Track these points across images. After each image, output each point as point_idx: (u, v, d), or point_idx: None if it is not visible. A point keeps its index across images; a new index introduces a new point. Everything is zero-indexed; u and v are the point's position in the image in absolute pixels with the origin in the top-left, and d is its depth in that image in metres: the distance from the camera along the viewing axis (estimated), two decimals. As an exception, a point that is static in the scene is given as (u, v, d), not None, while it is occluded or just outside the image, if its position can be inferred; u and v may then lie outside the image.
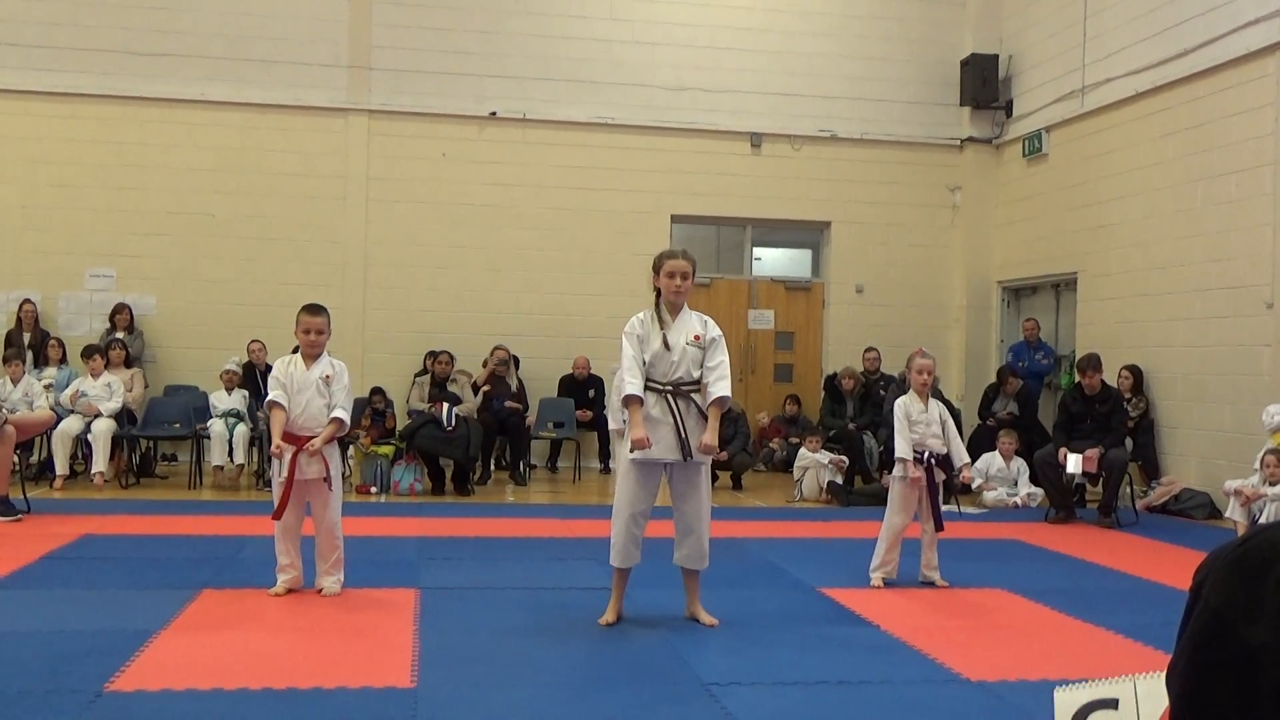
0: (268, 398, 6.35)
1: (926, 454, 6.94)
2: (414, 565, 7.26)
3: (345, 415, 6.33)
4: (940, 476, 7.01)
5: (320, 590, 6.34)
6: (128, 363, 12.01)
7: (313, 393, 6.27)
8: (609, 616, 5.77)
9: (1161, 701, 1.79)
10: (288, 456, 6.21)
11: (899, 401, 7.14)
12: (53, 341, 12.21)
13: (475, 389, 12.06)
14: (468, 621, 5.78)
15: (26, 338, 12.37)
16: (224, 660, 4.93)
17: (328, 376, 6.32)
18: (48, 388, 11.08)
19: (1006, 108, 14.37)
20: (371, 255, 13.68)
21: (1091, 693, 1.90)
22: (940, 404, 7.16)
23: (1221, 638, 1.38)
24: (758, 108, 14.32)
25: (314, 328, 6.37)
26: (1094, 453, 9.73)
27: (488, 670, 4.89)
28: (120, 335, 12.46)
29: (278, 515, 6.26)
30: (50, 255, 13.10)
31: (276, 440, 6.26)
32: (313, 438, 6.22)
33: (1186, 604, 1.49)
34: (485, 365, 12.30)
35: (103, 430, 10.89)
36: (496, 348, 12.75)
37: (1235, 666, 1.36)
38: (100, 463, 10.87)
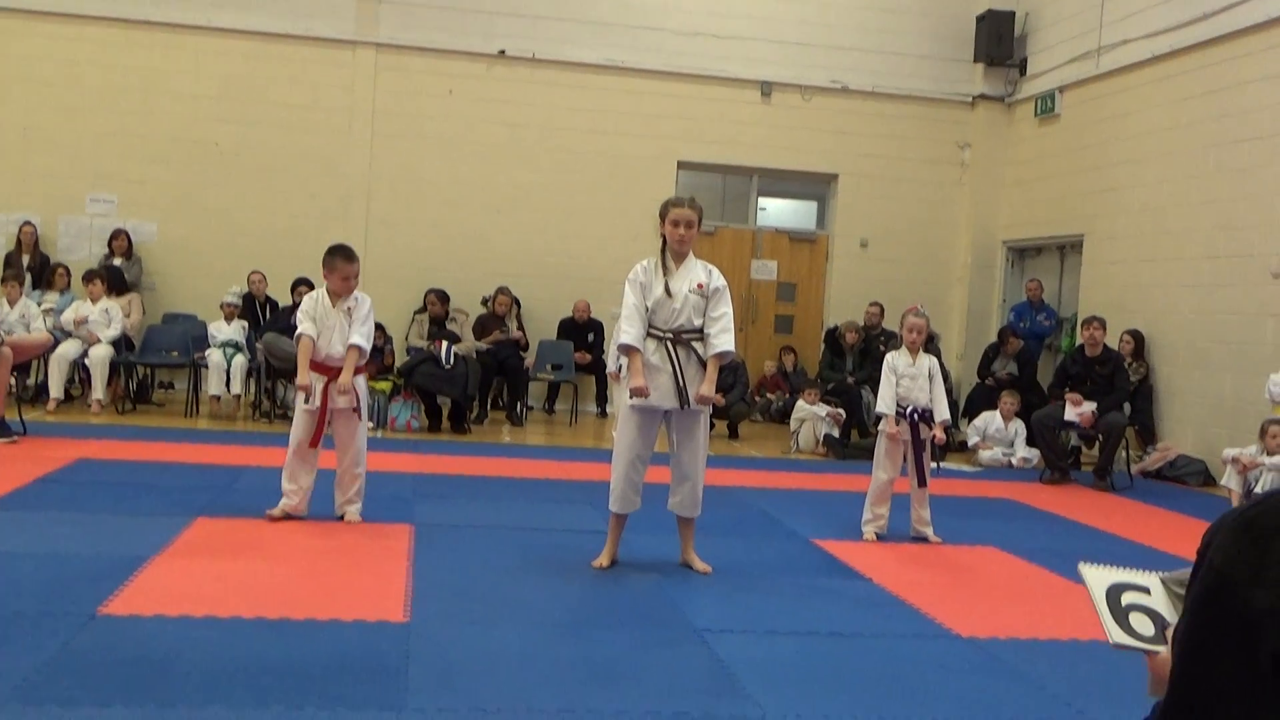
0: (297, 330, 6.49)
1: (911, 409, 6.95)
2: (409, 501, 7.27)
3: (363, 342, 6.50)
4: (926, 433, 7.00)
5: (343, 517, 6.51)
6: (123, 289, 11.94)
7: (338, 325, 6.47)
8: (603, 560, 5.79)
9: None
10: (318, 387, 6.39)
11: (888, 356, 7.17)
12: (60, 269, 12.15)
13: (477, 335, 12.04)
14: (462, 559, 5.79)
15: (25, 260, 12.30)
16: (218, 588, 4.94)
17: (349, 309, 6.51)
18: (47, 312, 11.04)
19: (1020, 66, 14.23)
20: (375, 190, 13.59)
21: (1120, 576, 1.88)
22: (931, 359, 7.15)
23: (1224, 600, 1.38)
24: (769, 56, 14.18)
25: (352, 274, 6.54)
26: (1090, 406, 9.80)
27: (481, 608, 4.90)
28: (118, 261, 12.40)
29: (314, 443, 6.44)
30: (51, 178, 13.01)
31: (303, 375, 6.40)
32: (339, 370, 6.41)
33: (1194, 565, 1.48)
34: (491, 328, 12.22)
35: (100, 356, 10.88)
36: (499, 290, 12.71)
37: (1236, 630, 1.36)
38: (98, 389, 10.87)
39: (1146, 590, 1.84)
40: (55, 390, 10.84)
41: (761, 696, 3.96)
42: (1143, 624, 1.82)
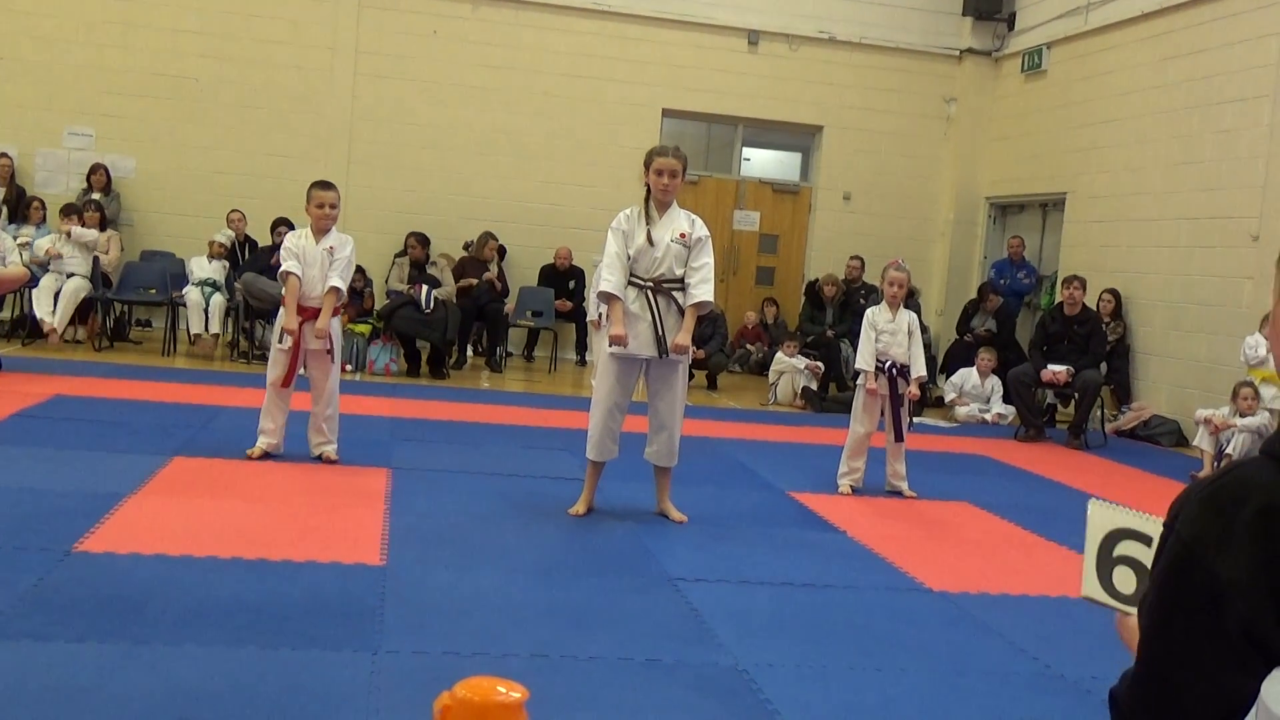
0: (282, 268, 6.49)
1: (889, 364, 6.97)
2: (387, 445, 7.28)
3: (342, 284, 6.53)
4: (904, 388, 7.03)
5: (322, 456, 6.54)
6: (103, 225, 11.83)
7: (320, 265, 6.46)
8: (579, 508, 5.81)
9: None
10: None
11: (869, 311, 7.19)
12: (35, 202, 12.02)
13: (457, 278, 12.00)
14: (438, 503, 5.81)
15: (1, 193, 12.16)
16: (194, 527, 4.94)
17: (331, 248, 6.50)
18: (23, 246, 10.93)
19: (1009, 20, 14.15)
20: (357, 131, 13.46)
21: (1127, 519, 1.85)
22: (911, 315, 7.16)
23: (1192, 572, 1.38)
24: (757, 5, 14.06)
25: (328, 202, 6.52)
26: (1063, 368, 9.89)
27: (457, 552, 4.93)
28: (96, 196, 12.27)
29: (287, 382, 6.46)
30: (28, 110, 12.83)
31: (291, 314, 6.40)
32: (318, 310, 6.41)
33: (1160, 537, 1.49)
34: (472, 273, 12.21)
35: (71, 290, 10.80)
36: (486, 235, 12.62)
37: (1203, 601, 1.36)
38: (64, 317, 10.82)
39: (1148, 542, 1.80)
40: (60, 322, 10.81)
41: (733, 645, 4.00)
42: (1125, 580, 1.80)
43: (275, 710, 3.17)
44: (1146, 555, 1.76)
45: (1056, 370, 9.90)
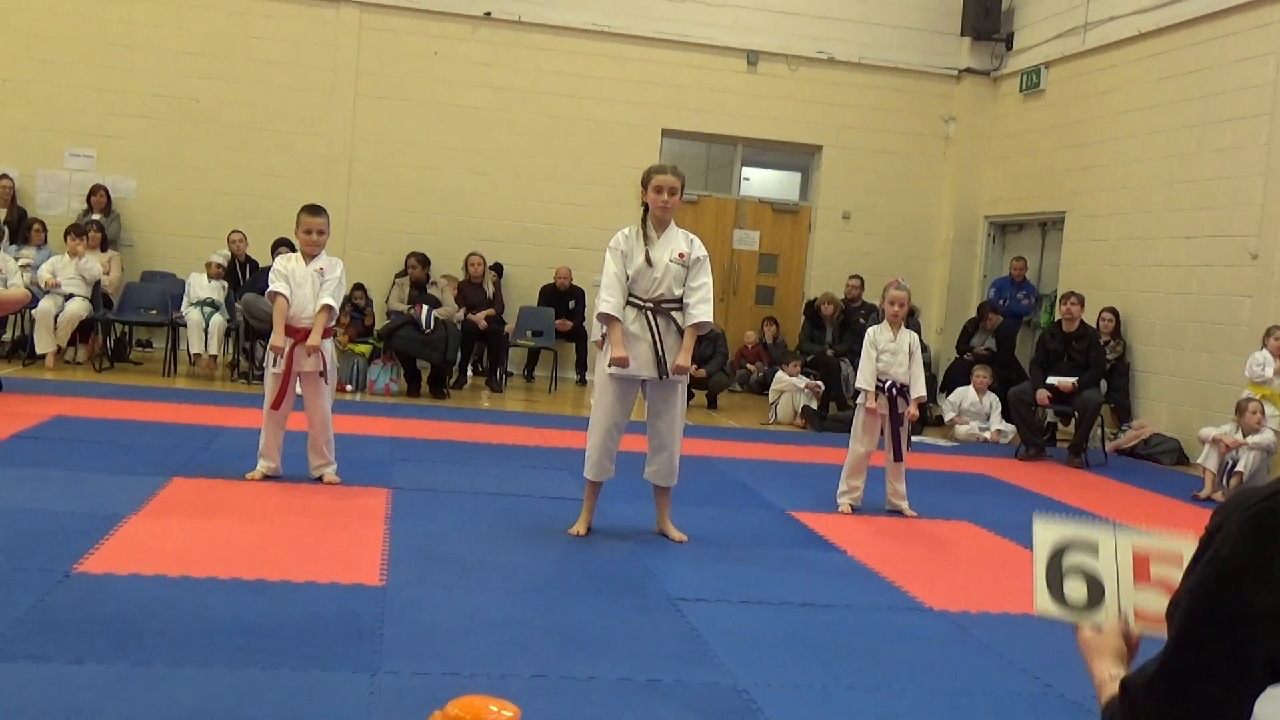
0: (269, 288, 6.52)
1: (890, 383, 6.97)
2: (386, 465, 7.27)
3: (334, 303, 6.52)
4: (904, 408, 7.03)
5: (321, 478, 6.55)
6: (104, 246, 11.85)
7: (309, 287, 6.47)
8: (579, 528, 5.80)
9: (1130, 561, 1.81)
10: (285, 349, 6.39)
11: (870, 330, 7.20)
12: (37, 224, 12.04)
13: (458, 301, 12.02)
14: (438, 523, 5.80)
15: (2, 214, 12.19)
16: (194, 548, 4.94)
17: (321, 269, 6.51)
18: (24, 267, 10.95)
19: (1007, 40, 14.20)
20: (357, 151, 13.49)
21: (1072, 530, 1.89)
22: (911, 335, 7.17)
23: (1226, 591, 1.37)
24: (756, 24, 14.12)
25: (315, 228, 6.54)
26: (1068, 380, 9.89)
27: (456, 573, 4.92)
28: (97, 217, 12.29)
29: (276, 405, 6.43)
30: (29, 131, 12.86)
31: (278, 333, 6.40)
32: (309, 331, 6.41)
33: (1200, 542, 1.47)
34: (473, 296, 12.23)
35: (71, 312, 10.81)
36: (471, 254, 12.65)
37: (1233, 622, 1.35)
38: (62, 340, 10.83)
39: (1094, 549, 1.84)
40: (45, 347, 10.76)
41: (734, 665, 3.99)
42: (1076, 590, 1.84)
43: (274, 731, 3.16)
44: (1094, 562, 1.80)
45: (1061, 380, 9.87)
